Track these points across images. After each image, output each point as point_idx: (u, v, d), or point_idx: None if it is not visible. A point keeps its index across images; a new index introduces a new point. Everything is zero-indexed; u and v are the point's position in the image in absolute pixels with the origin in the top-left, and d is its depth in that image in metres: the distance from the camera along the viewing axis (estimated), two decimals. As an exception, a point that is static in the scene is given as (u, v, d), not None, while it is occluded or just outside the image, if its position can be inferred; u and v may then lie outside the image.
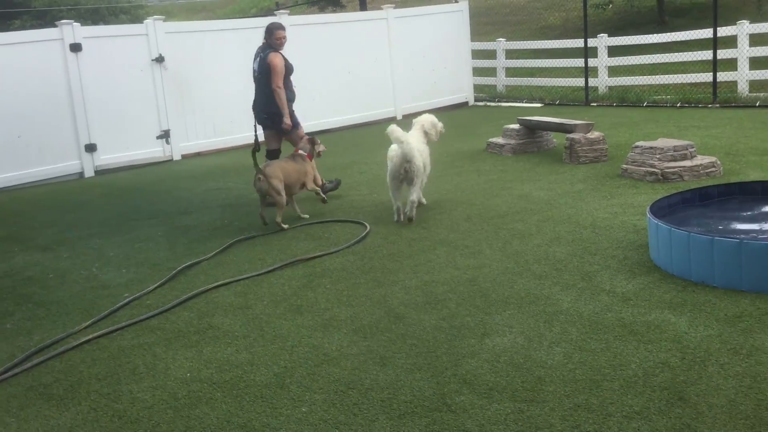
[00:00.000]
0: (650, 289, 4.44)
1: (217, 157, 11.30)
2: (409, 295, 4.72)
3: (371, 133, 12.59)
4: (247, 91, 12.03)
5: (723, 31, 12.28)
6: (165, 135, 11.25)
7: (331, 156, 10.41)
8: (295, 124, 7.61)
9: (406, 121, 13.55)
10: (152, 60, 11.06)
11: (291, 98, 7.68)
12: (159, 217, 7.54)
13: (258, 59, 7.80)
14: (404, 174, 6.36)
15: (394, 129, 6.33)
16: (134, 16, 24.47)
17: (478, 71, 16.39)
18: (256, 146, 7.08)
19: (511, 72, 16.38)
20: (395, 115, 14.14)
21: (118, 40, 10.96)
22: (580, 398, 3.25)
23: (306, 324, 4.38)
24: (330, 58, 13.14)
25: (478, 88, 16.22)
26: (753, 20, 12.85)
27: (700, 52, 12.75)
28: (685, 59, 13.11)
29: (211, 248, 6.11)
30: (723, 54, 12.20)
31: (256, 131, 7.68)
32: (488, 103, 15.56)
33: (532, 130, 9.40)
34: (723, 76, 12.27)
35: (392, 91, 14.08)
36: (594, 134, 8.41)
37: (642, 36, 14.23)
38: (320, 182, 7.53)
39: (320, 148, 7.37)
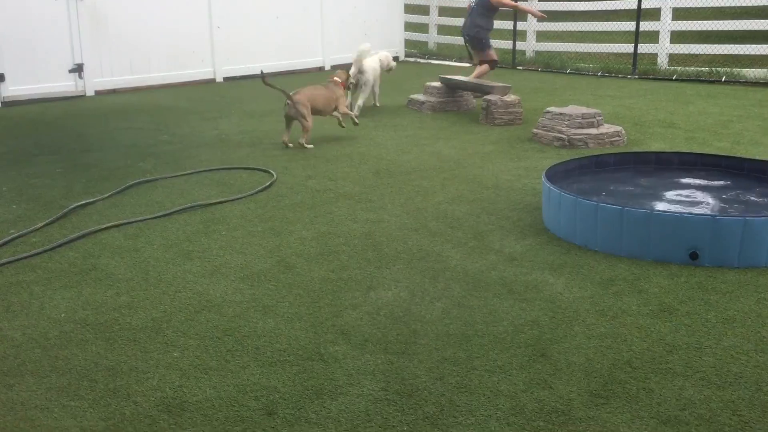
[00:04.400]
0: (536, 251, 4.57)
1: (132, 96, 10.94)
2: (303, 245, 4.72)
3: (297, 82, 12.37)
4: (169, 30, 11.71)
5: (648, 3, 12.50)
6: (78, 69, 10.79)
7: (252, 102, 10.26)
8: (488, 46, 9.86)
9: (333, 72, 13.41)
10: (68, -11, 10.55)
11: (490, 28, 9.85)
12: (61, 153, 7.28)
13: None
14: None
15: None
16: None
17: (410, 26, 16.28)
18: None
19: (443, 30, 16.32)
20: (323, 64, 13.95)
21: (32, -34, 10.38)
22: (449, 352, 3.34)
23: (194, 270, 4.34)
24: (258, 1, 12.81)
25: (409, 44, 16.14)
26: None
27: (623, 22, 12.97)
28: (607, 29, 13.33)
29: (109, 188, 5.95)
30: (646, 26, 12.45)
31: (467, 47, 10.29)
32: (418, 60, 15.53)
33: (452, 89, 9.43)
34: (644, 48, 12.54)
35: (321, 40, 13.86)
36: (510, 97, 8.51)
37: (571, 2, 14.36)
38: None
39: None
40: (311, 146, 7.40)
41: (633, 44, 12.40)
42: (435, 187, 6.02)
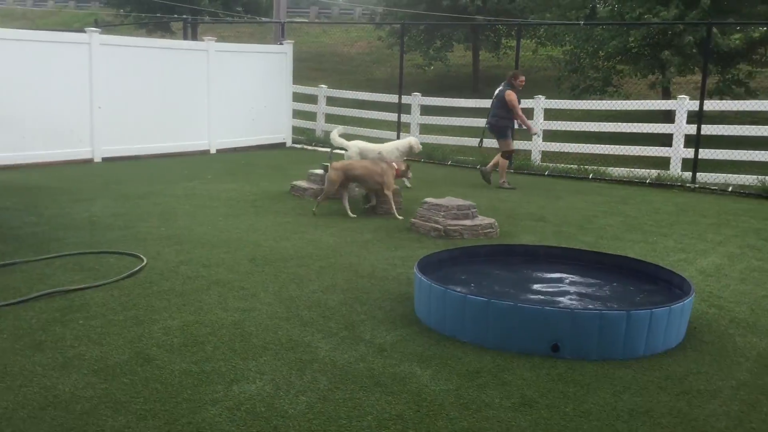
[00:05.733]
0: (406, 342, 4.57)
1: (1, 174, 10.40)
2: (167, 335, 4.53)
3: (179, 164, 12.24)
4: (46, 107, 11.32)
5: (523, 104, 13.25)
6: (-59, 144, 10.23)
7: (130, 184, 10.00)
8: (507, 135, 10.99)
9: (220, 156, 13.32)
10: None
11: (510, 118, 10.92)
12: None
13: (498, 90, 11.09)
14: None
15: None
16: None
17: (299, 114, 16.55)
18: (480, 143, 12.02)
19: (330, 118, 16.66)
20: (209, 148, 13.87)
21: None
22: (309, 450, 3.23)
23: (44, 362, 4.05)
24: (144, 83, 12.69)
25: (298, 131, 16.35)
26: (550, 96, 14.04)
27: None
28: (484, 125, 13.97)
29: (-40, 272, 5.55)
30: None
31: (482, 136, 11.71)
32: (306, 146, 15.71)
33: (335, 177, 9.52)
34: (520, 144, 13.22)
35: (207, 124, 13.81)
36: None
37: (452, 99, 15.05)
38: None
39: (408, 174, 9.16)
40: (315, 210, 8.32)
41: (509, 140, 13.04)
42: (311, 275, 5.97)
